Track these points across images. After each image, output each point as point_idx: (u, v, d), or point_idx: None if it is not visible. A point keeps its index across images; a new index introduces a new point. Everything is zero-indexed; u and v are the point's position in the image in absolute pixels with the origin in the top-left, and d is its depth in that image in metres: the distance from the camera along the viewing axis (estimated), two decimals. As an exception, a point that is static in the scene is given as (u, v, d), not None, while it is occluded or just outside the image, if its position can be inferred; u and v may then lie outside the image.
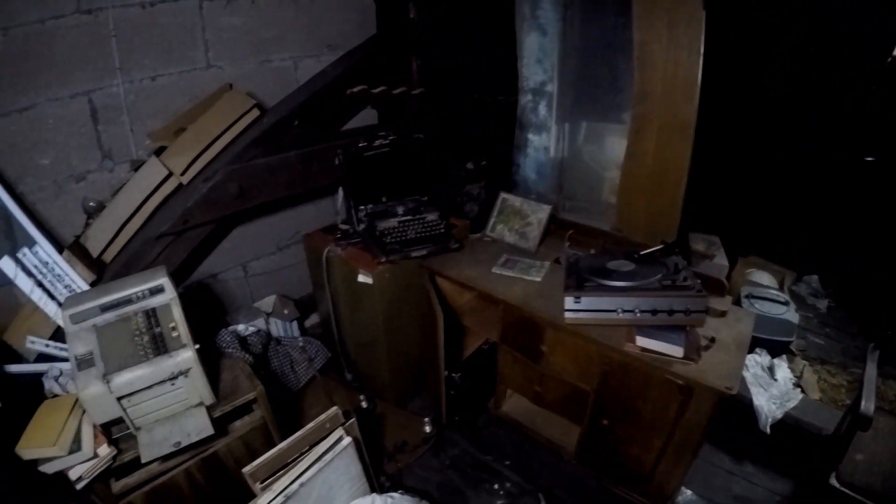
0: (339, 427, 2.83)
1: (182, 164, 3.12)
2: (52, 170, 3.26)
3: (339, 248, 3.17)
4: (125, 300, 2.75)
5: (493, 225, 3.25)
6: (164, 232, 3.09)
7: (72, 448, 2.57)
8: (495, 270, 3.00)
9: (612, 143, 3.00)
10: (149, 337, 2.70)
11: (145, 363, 2.63)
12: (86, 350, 2.65)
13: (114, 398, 2.60)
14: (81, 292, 2.85)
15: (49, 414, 2.73)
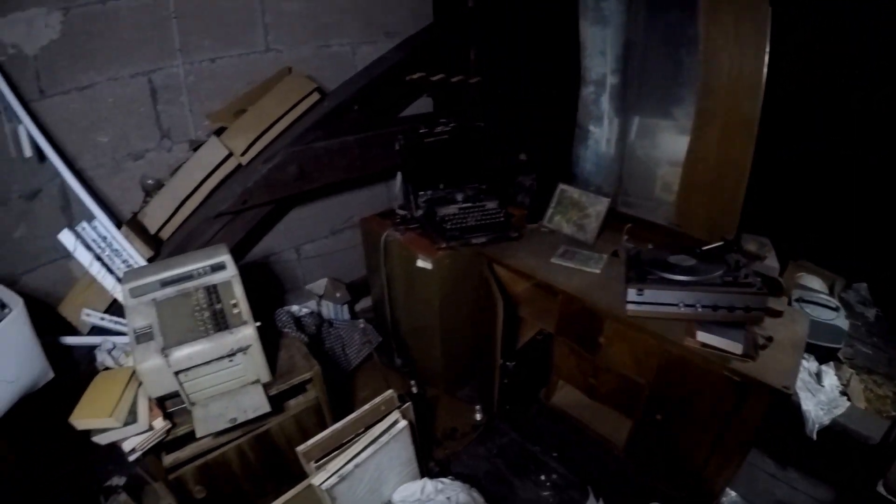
0: (395, 410, 2.78)
1: (242, 144, 3.08)
2: (110, 147, 3.22)
3: (397, 233, 3.12)
4: (186, 276, 2.71)
5: (550, 216, 3.20)
6: (222, 211, 3.04)
7: (127, 420, 2.52)
8: (554, 261, 2.94)
9: (672, 138, 2.93)
10: (209, 313, 2.65)
11: (205, 339, 2.58)
12: (145, 324, 2.61)
13: (171, 372, 2.55)
14: (141, 267, 2.81)
15: (104, 386, 2.69)
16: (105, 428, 2.52)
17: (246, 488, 2.96)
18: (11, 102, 2.87)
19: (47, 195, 3.16)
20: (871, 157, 3.06)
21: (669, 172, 2.96)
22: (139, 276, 2.68)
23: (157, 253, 3.05)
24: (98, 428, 2.53)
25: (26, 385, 2.58)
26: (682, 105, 2.87)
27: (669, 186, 2.94)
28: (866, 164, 3.14)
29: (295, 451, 2.92)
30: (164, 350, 2.53)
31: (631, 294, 2.60)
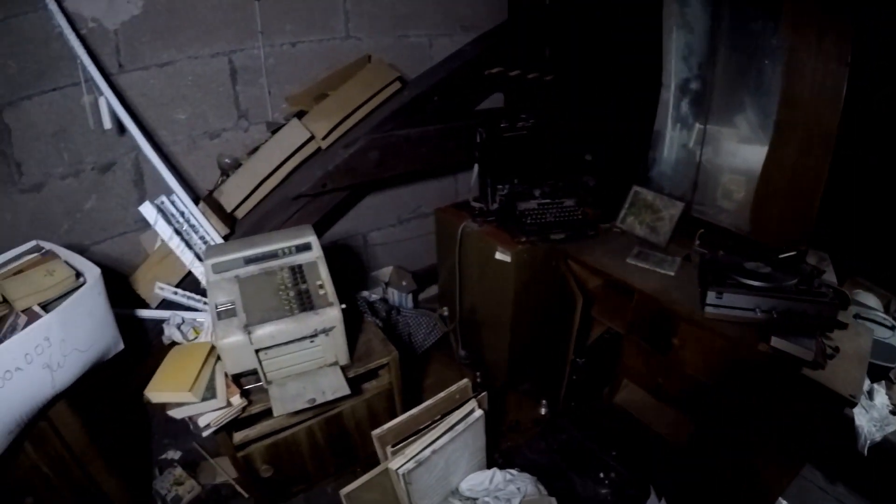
0: (471, 399, 2.72)
1: (324, 128, 3.01)
2: (187, 125, 3.14)
3: (475, 224, 3.05)
4: (270, 254, 2.63)
5: (623, 217, 3.14)
6: (302, 193, 2.97)
7: (205, 395, 2.44)
8: (629, 261, 2.88)
9: (749, 148, 2.87)
10: (294, 292, 2.57)
11: (289, 318, 2.50)
12: (227, 300, 2.53)
13: (252, 350, 2.47)
14: (223, 244, 2.72)
15: (180, 360, 2.59)
16: (182, 402, 2.45)
17: (310, 469, 2.88)
18: (93, 74, 2.78)
19: (121, 168, 3.07)
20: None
21: (743, 180, 2.91)
22: (222, 252, 2.60)
23: (232, 231, 2.98)
24: (175, 402, 2.45)
25: (97, 355, 2.48)
26: (760, 114, 2.82)
27: (743, 194, 2.88)
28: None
29: (362, 434, 2.86)
30: (247, 327, 2.45)
31: (710, 297, 2.54)
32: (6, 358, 1.99)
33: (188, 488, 2.99)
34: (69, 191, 3.03)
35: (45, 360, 2.16)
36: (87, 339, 2.40)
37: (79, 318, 2.33)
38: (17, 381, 2.03)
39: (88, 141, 2.99)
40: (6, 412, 2.04)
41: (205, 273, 2.59)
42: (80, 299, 2.30)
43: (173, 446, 3.22)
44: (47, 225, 3.02)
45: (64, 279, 2.40)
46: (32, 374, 2.10)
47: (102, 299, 2.48)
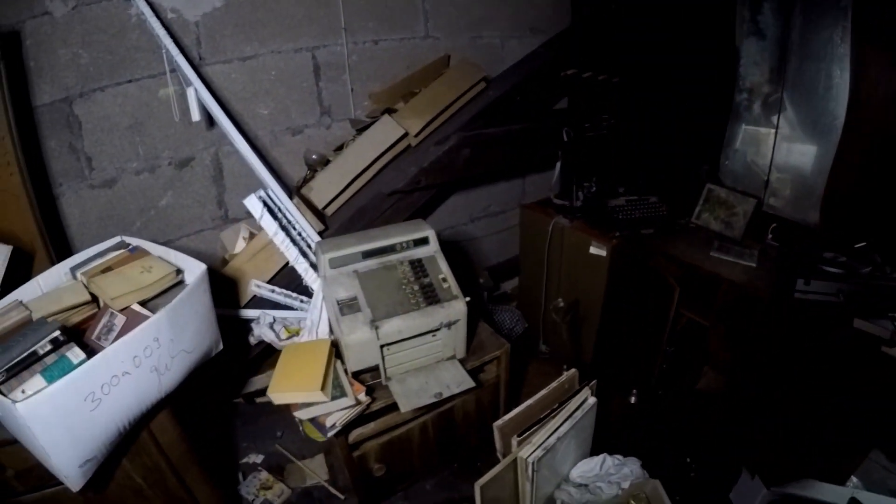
0: (585, 387, 2.61)
1: (417, 125, 2.83)
2: (269, 120, 2.88)
3: (566, 220, 2.94)
4: (388, 249, 2.43)
5: (698, 213, 3.10)
6: (397, 189, 2.76)
7: (334, 394, 2.24)
8: (713, 254, 2.82)
9: (819, 147, 2.90)
10: (418, 286, 2.38)
11: (416, 312, 2.30)
12: (348, 295, 2.31)
13: (378, 345, 2.28)
14: (335, 239, 2.46)
15: (298, 359, 2.34)
16: (311, 402, 2.23)
17: (416, 465, 2.66)
18: (181, 64, 2.50)
19: (199, 164, 2.79)
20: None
21: (813, 178, 2.93)
22: (338, 246, 2.37)
23: (326, 227, 2.76)
24: (303, 402, 2.24)
25: (201, 356, 2.21)
26: (829, 117, 2.84)
27: (813, 191, 2.91)
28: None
29: (467, 428, 2.69)
30: (374, 322, 2.25)
31: (799, 284, 2.52)
32: (114, 362, 1.71)
33: (277, 492, 2.72)
34: (143, 186, 2.72)
35: (154, 362, 1.88)
36: (193, 340, 2.12)
37: (187, 318, 2.03)
38: (125, 386, 1.76)
39: (166, 135, 2.70)
40: (111, 420, 1.76)
41: (320, 268, 2.36)
42: (189, 297, 2.01)
43: (254, 450, 2.94)
44: (118, 222, 2.70)
45: (163, 276, 2.11)
46: (140, 378, 1.83)
47: (208, 297, 2.21)
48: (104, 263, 2.19)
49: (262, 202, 2.48)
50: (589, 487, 2.54)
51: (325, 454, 2.86)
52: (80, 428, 1.64)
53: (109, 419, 1.76)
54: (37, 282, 2.07)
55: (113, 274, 2.09)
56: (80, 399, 1.62)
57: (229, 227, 2.90)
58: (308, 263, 2.57)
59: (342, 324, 2.21)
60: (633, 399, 2.95)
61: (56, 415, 1.53)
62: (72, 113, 2.50)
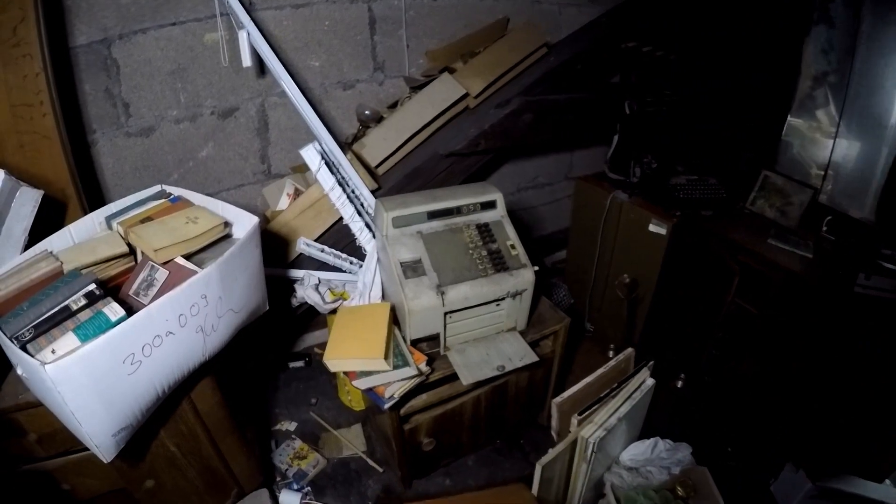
0: (645, 369, 2.30)
1: (479, 85, 2.45)
2: (320, 73, 2.48)
3: (625, 195, 2.60)
4: (455, 210, 2.09)
5: (753, 199, 2.79)
6: (455, 151, 2.40)
7: (395, 363, 1.89)
8: (771, 241, 2.53)
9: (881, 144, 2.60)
10: (486, 252, 2.04)
11: (484, 279, 1.96)
12: (412, 257, 1.96)
13: (442, 312, 1.94)
14: (397, 197, 2.11)
15: (354, 324, 1.98)
16: (372, 371, 1.88)
17: (463, 440, 2.33)
18: (234, 6, 2.13)
19: (244, 115, 2.40)
20: None
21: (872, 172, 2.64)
22: (402, 205, 2.01)
23: (379, 187, 2.40)
24: (363, 370, 1.89)
25: (247, 316, 1.86)
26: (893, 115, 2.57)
27: (869, 187, 2.61)
28: None
29: (517, 404, 2.37)
30: (440, 287, 1.91)
31: (860, 278, 2.26)
32: (158, 320, 1.38)
33: (312, 462, 2.37)
34: (183, 136, 2.32)
35: (200, 322, 1.55)
36: (241, 299, 1.74)
37: (236, 275, 1.68)
38: (167, 347, 1.44)
39: (209, 82, 2.30)
40: (150, 385, 1.44)
41: (381, 228, 2.01)
42: (240, 252, 1.66)
43: (287, 416, 2.58)
44: (155, 173, 2.31)
45: (211, 227, 1.74)
46: (184, 339, 1.50)
47: (258, 254, 1.84)
48: (143, 213, 1.83)
49: (319, 154, 2.09)
50: (639, 471, 2.23)
51: (362, 424, 2.52)
52: (116, 393, 1.32)
53: (149, 384, 1.43)
54: (68, 231, 1.71)
55: (155, 224, 1.73)
56: (117, 361, 1.29)
57: (272, 182, 2.51)
58: (363, 223, 2.19)
59: (405, 288, 1.85)
60: (679, 384, 2.65)
61: (90, 379, 1.23)
62: (110, 56, 2.11)
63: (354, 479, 2.30)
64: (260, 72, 2.28)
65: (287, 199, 2.41)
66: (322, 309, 2.25)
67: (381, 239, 1.99)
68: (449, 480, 2.33)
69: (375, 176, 2.33)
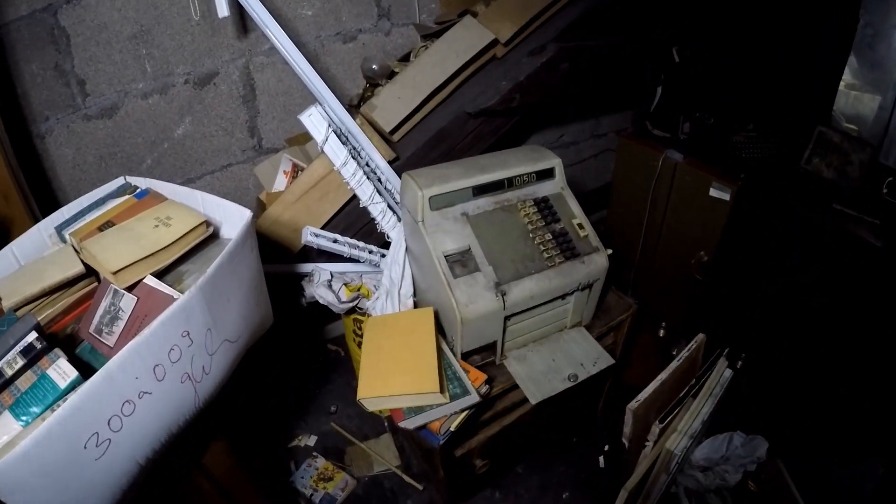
0: (721, 358, 1.74)
1: (510, 29, 1.78)
2: (314, 24, 1.78)
3: (679, 155, 1.98)
4: (506, 182, 1.45)
5: (808, 157, 2.19)
6: (486, 108, 1.75)
7: (453, 392, 1.27)
8: (837, 206, 1.97)
9: None
10: (549, 235, 1.42)
11: (551, 270, 1.36)
12: (459, 247, 1.33)
13: (502, 317, 1.33)
14: (431, 168, 1.46)
15: (390, 341, 1.37)
16: (422, 406, 1.25)
17: (518, 452, 1.79)
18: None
19: (225, 80, 1.70)
20: None
21: None
22: (440, 179, 1.38)
23: (397, 157, 1.72)
24: (410, 406, 1.25)
25: (249, 340, 1.25)
26: None
27: None
28: None
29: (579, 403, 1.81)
30: (500, 286, 1.29)
31: None
32: (124, 381, 0.86)
33: (340, 485, 1.78)
34: (154, 113, 1.64)
35: (184, 368, 1.00)
36: (238, 323, 1.17)
37: (228, 292, 1.10)
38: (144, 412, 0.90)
39: (180, 44, 1.60)
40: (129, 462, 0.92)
41: (416, 209, 1.36)
42: (230, 261, 1.07)
43: (304, 429, 1.96)
44: (124, 161, 1.65)
45: (188, 232, 1.15)
46: (166, 395, 0.97)
47: (255, 258, 1.24)
48: (102, 217, 1.23)
49: (326, 119, 1.39)
50: (714, 470, 1.69)
51: (391, 433, 1.90)
52: (83, 486, 0.84)
53: (127, 461, 0.92)
54: (10, 251, 1.18)
55: (114, 232, 1.15)
56: (76, 447, 0.80)
57: (265, 159, 1.82)
58: (385, 204, 1.52)
59: (455, 290, 1.23)
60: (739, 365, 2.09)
61: (42, 479, 0.77)
62: (57, 25, 1.48)
63: (390, 499, 1.73)
64: (242, 27, 1.53)
65: (284, 177, 1.75)
66: (337, 309, 1.63)
67: (412, 224, 1.35)
68: (498, 493, 1.76)
69: (391, 143, 1.64)
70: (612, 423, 1.97)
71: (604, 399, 1.93)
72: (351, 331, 1.80)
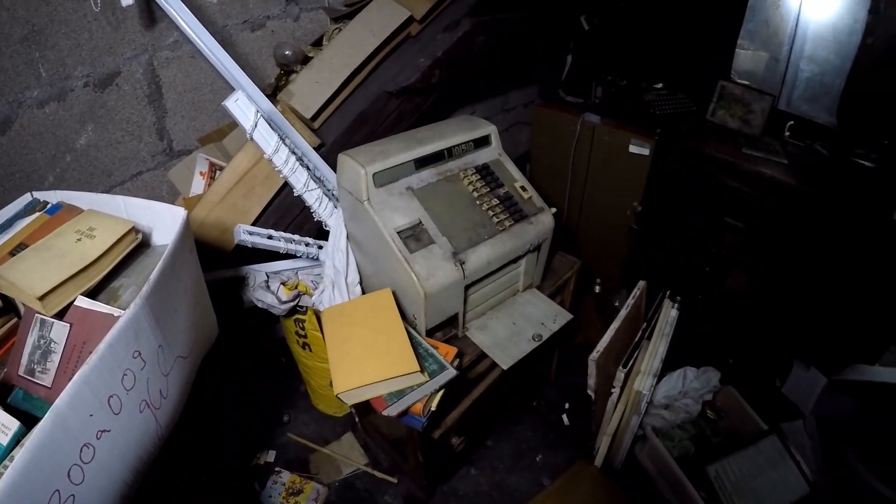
0: (666, 300, 1.85)
1: (424, 6, 1.76)
2: (220, 12, 1.68)
3: (596, 117, 2.06)
4: (445, 153, 1.45)
5: (713, 110, 2.38)
6: (406, 86, 1.73)
7: (430, 369, 1.26)
8: (745, 151, 2.17)
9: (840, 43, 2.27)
10: (496, 200, 1.44)
11: (504, 233, 1.39)
12: (410, 222, 1.33)
13: (463, 287, 1.34)
14: (367, 147, 1.42)
15: (354, 330, 1.33)
16: (403, 389, 1.22)
17: (486, 425, 1.80)
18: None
19: (128, 80, 1.57)
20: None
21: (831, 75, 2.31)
22: (378, 156, 1.36)
23: (322, 143, 1.66)
24: (391, 392, 1.22)
25: (200, 356, 1.19)
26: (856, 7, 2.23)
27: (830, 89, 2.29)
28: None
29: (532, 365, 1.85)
30: (456, 255, 1.30)
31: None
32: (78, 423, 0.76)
33: (312, 495, 1.71)
34: (52, 123, 1.48)
35: (141, 395, 0.91)
36: (188, 335, 1.12)
37: (175, 301, 1.05)
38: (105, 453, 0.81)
39: (77, 43, 1.45)
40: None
41: (359, 190, 1.33)
42: (171, 267, 1.01)
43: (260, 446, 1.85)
44: (22, 181, 1.49)
45: (117, 240, 1.05)
46: (126, 428, 0.87)
47: (195, 260, 1.18)
48: (12, 240, 1.12)
49: (254, 104, 1.31)
50: (675, 406, 1.82)
51: (353, 431, 1.85)
52: None
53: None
54: None
55: (31, 253, 1.02)
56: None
57: (178, 162, 1.69)
58: (321, 191, 1.46)
59: (414, 264, 1.22)
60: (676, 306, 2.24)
61: None
62: None
63: (367, 499, 1.70)
64: (146, 18, 1.40)
65: (202, 178, 1.65)
66: (279, 311, 1.57)
67: (354, 206, 1.32)
68: (474, 469, 1.76)
69: (313, 130, 1.58)
70: (567, 382, 2.05)
71: (556, 361, 1.99)
72: (293, 333, 1.73)
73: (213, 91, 1.68)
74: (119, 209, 1.16)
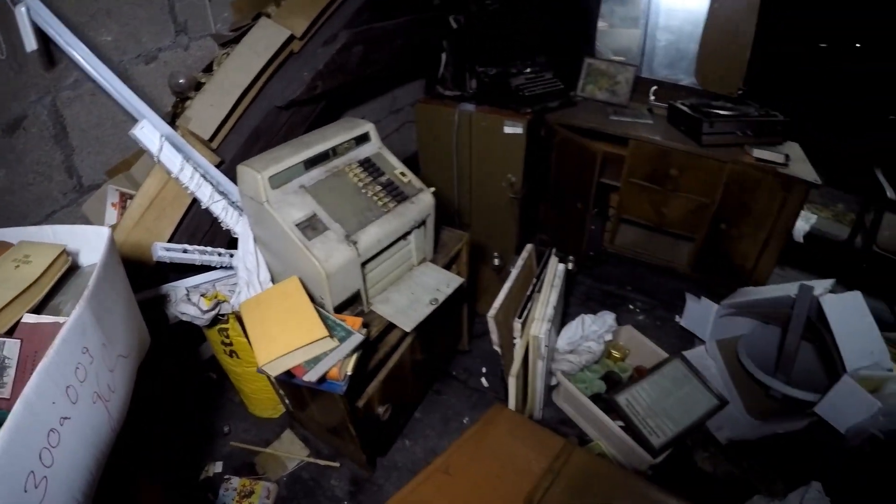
0: (553, 256, 2.32)
1: (303, 24, 2.19)
2: (115, 48, 2.06)
3: (471, 106, 2.56)
4: (330, 152, 1.88)
5: (582, 86, 2.93)
6: (294, 99, 2.15)
7: (340, 336, 1.66)
8: (613, 118, 2.70)
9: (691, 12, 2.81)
10: (379, 186, 1.88)
11: (389, 214, 1.83)
12: (305, 215, 1.76)
13: (359, 264, 1.77)
14: (260, 157, 1.82)
15: (269, 313, 1.71)
16: (320, 354, 1.61)
17: (408, 396, 2.21)
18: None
19: (34, 122, 1.92)
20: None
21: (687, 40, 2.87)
22: (271, 163, 1.77)
23: (222, 160, 2.07)
24: (311, 357, 1.61)
25: (136, 359, 1.55)
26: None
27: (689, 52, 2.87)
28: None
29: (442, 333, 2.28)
30: (349, 237, 1.73)
31: (705, 127, 2.49)
32: (43, 408, 1.00)
33: (263, 493, 2.07)
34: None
35: (92, 387, 1.17)
36: (126, 337, 1.43)
37: (111, 305, 1.36)
38: (69, 440, 1.06)
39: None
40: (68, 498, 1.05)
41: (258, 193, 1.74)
42: (105, 275, 1.33)
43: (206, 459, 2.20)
44: None
45: (52, 261, 1.37)
46: (83, 417, 1.12)
47: (122, 271, 1.54)
48: None
49: (158, 130, 1.72)
50: (579, 350, 2.30)
51: (290, 428, 2.24)
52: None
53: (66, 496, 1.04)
54: None
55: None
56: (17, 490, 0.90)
57: (89, 197, 2.05)
58: (225, 201, 1.87)
59: (313, 249, 1.65)
60: (570, 265, 2.71)
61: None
62: None
63: (315, 487, 2.08)
64: (47, 60, 1.78)
65: (114, 209, 2.01)
66: (202, 321, 1.95)
67: (257, 209, 1.72)
68: (408, 441, 2.17)
69: (213, 150, 1.99)
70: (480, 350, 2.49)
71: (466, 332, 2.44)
72: (219, 343, 2.09)
73: (114, 125, 2.04)
74: (48, 237, 1.51)
